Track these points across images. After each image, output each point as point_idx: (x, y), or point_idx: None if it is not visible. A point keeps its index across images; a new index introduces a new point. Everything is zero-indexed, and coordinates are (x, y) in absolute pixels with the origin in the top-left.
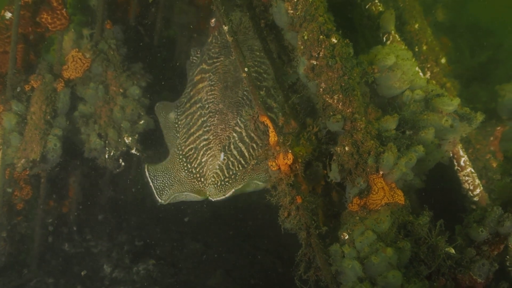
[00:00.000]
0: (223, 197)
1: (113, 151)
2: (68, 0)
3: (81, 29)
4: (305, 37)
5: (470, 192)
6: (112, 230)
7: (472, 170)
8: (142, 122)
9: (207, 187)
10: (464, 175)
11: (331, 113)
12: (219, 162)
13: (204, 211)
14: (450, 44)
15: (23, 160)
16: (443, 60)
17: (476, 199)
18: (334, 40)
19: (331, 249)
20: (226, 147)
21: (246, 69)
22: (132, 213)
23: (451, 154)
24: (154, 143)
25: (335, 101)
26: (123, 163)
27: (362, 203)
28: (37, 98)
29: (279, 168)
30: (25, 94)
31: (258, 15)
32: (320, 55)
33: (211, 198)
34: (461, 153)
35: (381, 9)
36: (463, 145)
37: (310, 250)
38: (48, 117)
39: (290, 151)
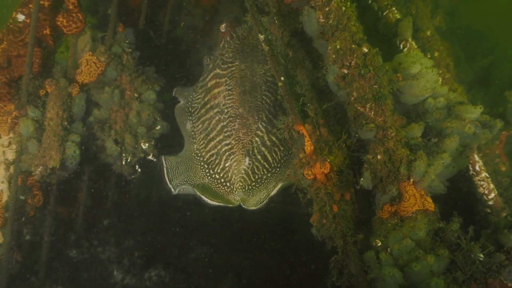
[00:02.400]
0: (259, 206)
1: (130, 157)
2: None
3: (93, 32)
4: (338, 46)
5: (485, 197)
6: (118, 235)
7: (487, 175)
8: (158, 127)
9: (235, 191)
10: (479, 180)
11: (364, 122)
12: (244, 167)
13: (205, 214)
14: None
15: (41, 167)
16: (451, 65)
17: (491, 203)
18: (365, 49)
19: (365, 256)
20: (250, 152)
21: (282, 78)
22: (136, 218)
23: None
24: (169, 149)
25: (367, 109)
26: (139, 170)
27: (393, 210)
28: (53, 103)
29: (315, 177)
30: (40, 99)
31: (286, 22)
32: (352, 64)
33: (245, 206)
34: (477, 158)
35: (398, 16)
36: None
37: (345, 257)
38: (65, 123)
39: (328, 160)
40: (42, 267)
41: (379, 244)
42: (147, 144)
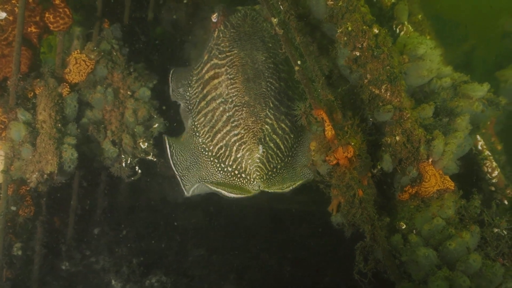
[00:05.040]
0: (281, 191)
1: (129, 158)
2: None
3: (78, 29)
4: (349, 28)
5: (488, 175)
6: (110, 243)
7: (489, 153)
8: (156, 125)
9: (253, 182)
10: (481, 159)
11: (380, 104)
12: (259, 155)
13: (197, 215)
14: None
15: (37, 173)
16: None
17: (495, 180)
18: (376, 30)
19: (393, 240)
20: (262, 140)
21: (299, 62)
22: (127, 223)
23: None
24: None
25: (383, 91)
26: (139, 171)
27: (413, 191)
28: (45, 105)
29: (337, 163)
30: (29, 101)
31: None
32: (364, 45)
33: (266, 190)
34: (478, 137)
35: (393, 0)
36: None
37: (373, 243)
38: (59, 125)
39: (351, 144)
40: (34, 283)
41: (404, 226)
42: (146, 144)
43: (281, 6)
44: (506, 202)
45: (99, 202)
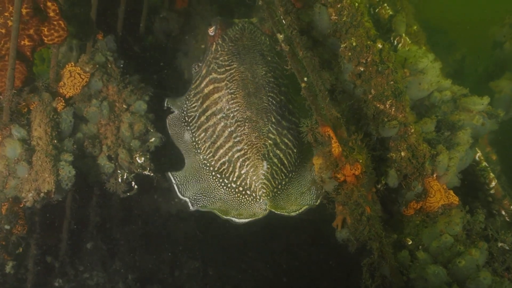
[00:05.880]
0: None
1: (126, 173)
2: None
3: (70, 41)
4: (354, 43)
5: (486, 186)
6: (104, 258)
7: (487, 164)
8: (152, 139)
9: (259, 199)
10: (479, 170)
11: (386, 119)
12: (263, 172)
13: (189, 227)
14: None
15: (33, 192)
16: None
17: (492, 191)
18: (379, 46)
19: (400, 256)
20: (266, 155)
21: (305, 79)
22: (122, 238)
23: None
24: (166, 161)
25: (388, 106)
26: (136, 186)
27: (418, 206)
28: (40, 120)
29: (344, 180)
30: (23, 116)
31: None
32: (369, 61)
33: (274, 211)
34: (476, 149)
35: (390, 12)
36: None
37: (381, 260)
38: (55, 141)
39: (359, 161)
40: None
41: (410, 242)
42: (143, 158)
43: (283, 21)
44: (503, 213)
45: (94, 218)
